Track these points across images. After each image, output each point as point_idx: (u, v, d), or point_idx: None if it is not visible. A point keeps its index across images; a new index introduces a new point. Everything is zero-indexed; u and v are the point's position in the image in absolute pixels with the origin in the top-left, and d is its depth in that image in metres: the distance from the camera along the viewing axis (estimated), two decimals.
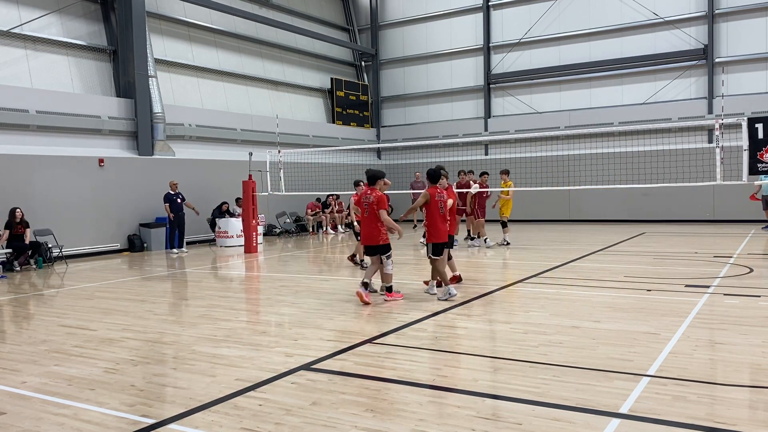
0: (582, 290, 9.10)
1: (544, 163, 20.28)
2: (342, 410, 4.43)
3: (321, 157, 22.09)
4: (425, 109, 26.94)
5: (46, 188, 14.81)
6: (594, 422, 4.11)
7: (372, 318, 7.55)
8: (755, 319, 6.90)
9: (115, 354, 6.15)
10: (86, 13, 17.37)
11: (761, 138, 11.62)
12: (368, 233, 8.67)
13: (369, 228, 8.65)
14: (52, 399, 4.86)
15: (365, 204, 8.66)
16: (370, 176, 8.86)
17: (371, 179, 8.85)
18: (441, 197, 8.79)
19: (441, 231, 8.70)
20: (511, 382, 4.98)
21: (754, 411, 4.36)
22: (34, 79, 15.81)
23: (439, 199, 8.75)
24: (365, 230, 8.73)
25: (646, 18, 22.08)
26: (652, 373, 5.08)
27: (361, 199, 8.85)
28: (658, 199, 20.92)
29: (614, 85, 23.03)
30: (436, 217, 8.71)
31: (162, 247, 16.80)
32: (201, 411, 4.49)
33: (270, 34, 23.47)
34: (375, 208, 8.55)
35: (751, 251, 12.96)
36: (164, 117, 17.91)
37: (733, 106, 19.47)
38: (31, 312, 8.81)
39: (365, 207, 8.66)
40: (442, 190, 8.97)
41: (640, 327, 6.66)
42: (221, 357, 5.95)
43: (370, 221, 8.63)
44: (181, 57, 19.96)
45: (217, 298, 9.27)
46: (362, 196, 8.82)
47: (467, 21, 25.64)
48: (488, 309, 7.97)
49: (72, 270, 13.23)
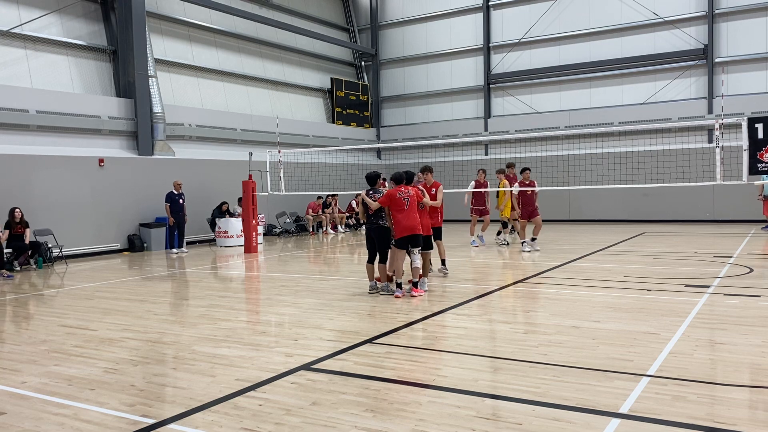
0: (582, 290, 9.10)
1: (544, 163, 20.28)
2: (342, 410, 4.42)
3: (321, 157, 22.09)
4: (425, 109, 26.94)
5: (46, 188, 14.81)
6: (594, 422, 4.11)
7: (372, 318, 7.55)
8: (755, 319, 6.90)
9: (115, 354, 6.15)
10: (86, 13, 17.37)
11: (761, 138, 11.62)
12: (410, 224, 8.88)
13: (411, 219, 8.90)
14: (52, 399, 4.86)
15: (404, 199, 8.88)
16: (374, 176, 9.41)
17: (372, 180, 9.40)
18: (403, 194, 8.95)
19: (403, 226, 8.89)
20: (511, 382, 4.98)
21: (754, 411, 4.36)
22: (34, 79, 15.81)
23: (401, 196, 8.91)
24: (407, 222, 8.88)
25: (646, 18, 22.09)
26: (652, 373, 5.08)
27: (395, 196, 8.92)
28: (658, 199, 20.93)
29: (614, 85, 23.03)
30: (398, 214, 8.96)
31: (162, 247, 16.80)
32: (201, 411, 4.48)
33: (270, 34, 23.48)
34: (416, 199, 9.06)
35: (751, 251, 12.96)
36: (164, 117, 17.91)
37: (733, 106, 19.48)
38: (31, 312, 8.81)
39: (404, 202, 8.88)
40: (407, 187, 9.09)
41: (640, 327, 6.66)
42: (221, 357, 5.95)
43: (411, 213, 8.93)
44: (181, 57, 19.96)
45: (217, 298, 9.27)
46: (395, 192, 8.93)
47: (467, 21, 25.65)
48: (488, 309, 7.97)
49: (72, 270, 13.23)
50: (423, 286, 9.10)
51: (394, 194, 8.92)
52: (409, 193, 8.99)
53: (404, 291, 8.89)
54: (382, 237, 9.16)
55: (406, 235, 8.87)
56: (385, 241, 9.17)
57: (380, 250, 9.21)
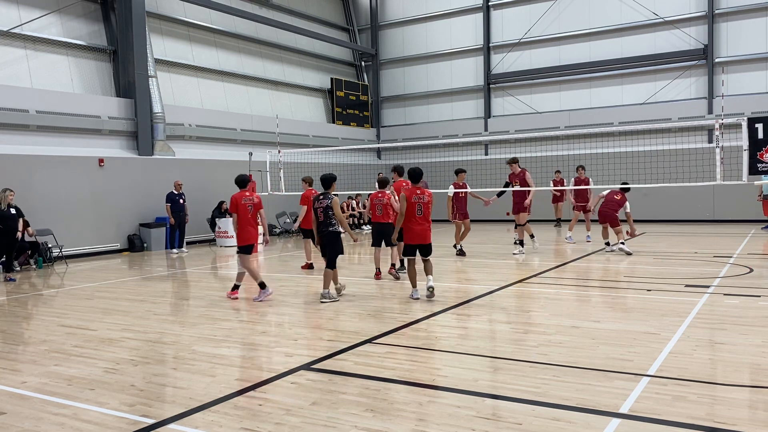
0: (582, 290, 9.10)
1: (544, 163, 20.26)
2: (342, 410, 4.42)
3: (321, 157, 22.09)
4: (425, 109, 26.94)
5: (46, 188, 14.80)
6: (594, 422, 4.11)
7: (372, 318, 7.55)
8: (755, 319, 6.90)
9: (115, 354, 6.15)
10: (86, 13, 17.37)
11: (761, 138, 11.63)
12: (423, 232, 8.59)
13: (423, 227, 8.60)
14: (52, 399, 4.86)
15: (418, 204, 8.55)
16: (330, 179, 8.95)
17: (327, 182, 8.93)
18: (419, 198, 8.60)
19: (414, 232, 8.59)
20: (511, 382, 4.98)
21: (754, 411, 4.36)
22: (34, 79, 15.81)
23: (416, 201, 8.57)
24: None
25: (646, 18, 22.09)
26: (652, 373, 5.08)
27: (411, 198, 8.56)
28: (658, 199, 20.91)
29: (614, 85, 23.03)
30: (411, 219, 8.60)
31: (162, 247, 16.80)
32: (201, 411, 4.49)
33: (270, 34, 23.47)
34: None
35: (751, 251, 12.96)
36: (164, 117, 17.91)
37: (733, 106, 19.47)
38: (31, 312, 8.81)
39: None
40: (422, 190, 8.73)
41: (640, 327, 6.66)
42: (221, 357, 5.95)
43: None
44: (181, 57, 19.96)
45: (217, 298, 9.27)
46: (411, 196, 8.58)
47: (467, 21, 25.65)
48: (488, 309, 7.97)
49: (72, 270, 13.23)
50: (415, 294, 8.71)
51: (410, 197, 8.57)
52: (424, 200, 8.63)
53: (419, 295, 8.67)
54: (333, 243, 8.73)
55: (416, 243, 8.60)
56: (334, 246, 8.73)
57: (330, 256, 8.72)
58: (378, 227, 10.87)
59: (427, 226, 8.66)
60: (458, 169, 13.69)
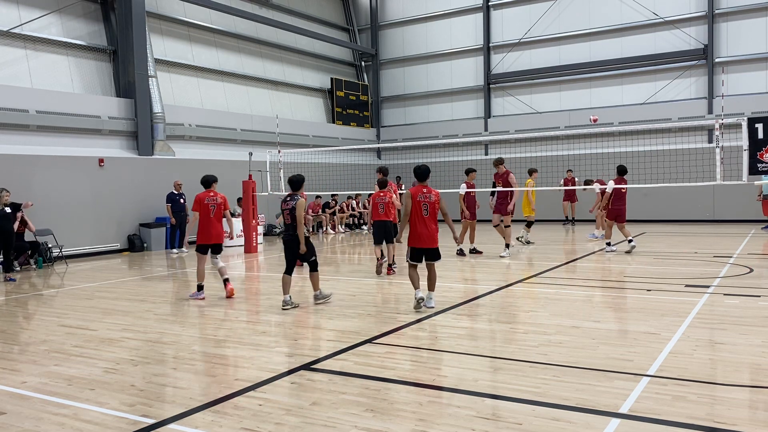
0: (582, 290, 9.10)
1: (544, 163, 20.25)
2: (342, 410, 4.42)
3: (321, 157, 22.09)
4: (425, 109, 26.94)
5: (46, 188, 14.79)
6: (594, 422, 4.11)
7: (372, 318, 7.55)
8: (755, 319, 6.90)
9: (115, 354, 6.15)
10: (86, 13, 17.37)
11: (761, 138, 11.63)
12: (430, 234, 7.89)
13: (430, 229, 7.89)
14: (52, 399, 4.86)
15: (425, 203, 7.88)
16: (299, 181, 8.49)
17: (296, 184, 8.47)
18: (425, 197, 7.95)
19: (420, 235, 7.91)
20: (511, 382, 4.98)
21: (754, 411, 4.36)
22: (34, 79, 15.81)
23: (423, 200, 7.93)
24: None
25: (646, 18, 22.09)
26: (652, 373, 5.08)
27: (416, 197, 7.89)
28: (658, 199, 20.92)
29: (614, 85, 23.04)
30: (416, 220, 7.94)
31: (162, 247, 16.79)
32: (201, 411, 4.49)
33: (270, 34, 23.47)
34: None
35: (751, 251, 12.96)
36: (164, 117, 17.91)
37: (733, 106, 19.47)
38: (31, 312, 8.81)
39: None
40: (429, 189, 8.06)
41: (640, 327, 6.66)
42: (221, 357, 5.95)
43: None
44: (181, 57, 19.96)
45: (217, 298, 9.27)
46: (417, 194, 7.91)
47: (467, 21, 25.65)
48: (488, 309, 7.96)
49: (72, 270, 13.23)
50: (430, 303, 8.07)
51: (415, 195, 7.92)
52: (431, 199, 7.94)
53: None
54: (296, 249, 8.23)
55: (422, 247, 7.91)
56: (295, 252, 8.25)
57: (293, 261, 8.35)
58: (380, 225, 10.89)
59: (435, 228, 7.94)
60: (469, 169, 13.93)
